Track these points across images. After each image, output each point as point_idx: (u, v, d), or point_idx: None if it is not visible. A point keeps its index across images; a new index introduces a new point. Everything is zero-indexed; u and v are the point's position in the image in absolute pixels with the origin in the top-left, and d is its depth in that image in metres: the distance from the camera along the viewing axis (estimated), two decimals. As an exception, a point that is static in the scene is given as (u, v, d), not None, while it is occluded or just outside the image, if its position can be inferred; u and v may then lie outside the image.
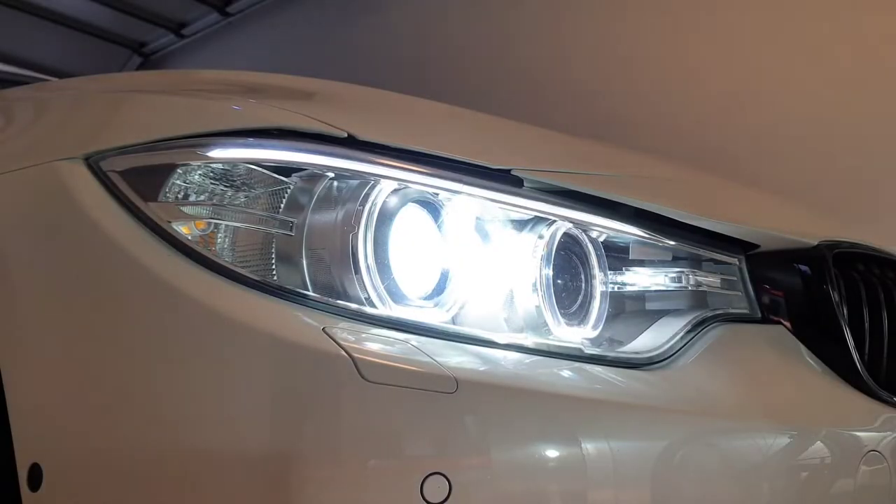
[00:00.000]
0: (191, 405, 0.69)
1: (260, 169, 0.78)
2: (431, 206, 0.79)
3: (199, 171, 0.77)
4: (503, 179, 0.83)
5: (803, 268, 1.02)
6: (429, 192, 0.79)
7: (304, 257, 0.76)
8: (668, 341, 0.87)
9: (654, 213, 0.92)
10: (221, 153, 0.77)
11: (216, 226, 0.76)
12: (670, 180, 1.14)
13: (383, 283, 0.74)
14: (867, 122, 2.55)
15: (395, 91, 1.06)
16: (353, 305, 0.73)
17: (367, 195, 0.76)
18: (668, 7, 3.11)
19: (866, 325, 1.07)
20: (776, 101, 2.76)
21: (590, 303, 0.85)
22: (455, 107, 1.07)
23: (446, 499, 0.65)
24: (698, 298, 0.96)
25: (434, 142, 0.83)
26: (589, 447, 0.71)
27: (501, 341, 0.77)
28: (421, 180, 0.78)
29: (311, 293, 0.73)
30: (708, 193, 1.16)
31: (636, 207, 0.90)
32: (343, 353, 0.67)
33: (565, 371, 0.77)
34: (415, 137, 0.83)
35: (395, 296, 0.75)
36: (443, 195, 0.80)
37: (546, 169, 0.87)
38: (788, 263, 1.02)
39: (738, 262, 0.99)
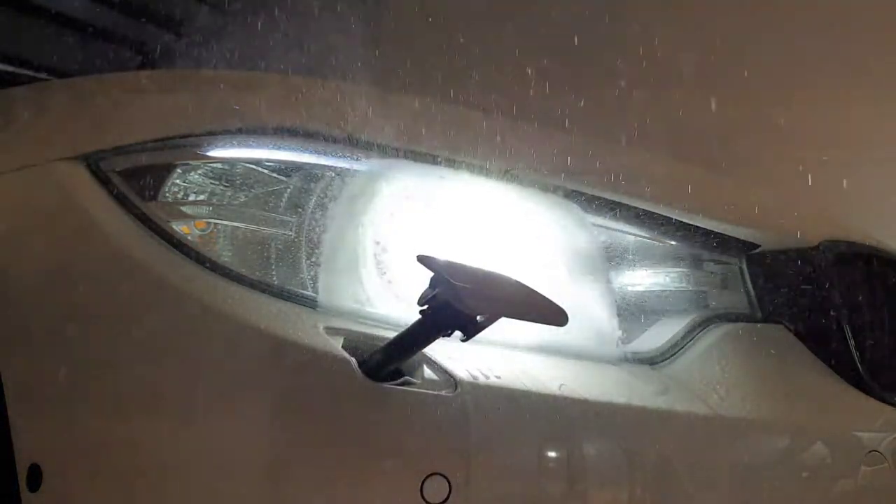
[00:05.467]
0: (190, 405, 0.69)
1: (260, 169, 0.78)
2: (431, 206, 0.79)
3: (198, 171, 0.77)
4: (504, 178, 0.83)
5: (803, 268, 1.02)
6: (429, 192, 0.79)
7: (303, 257, 0.76)
8: (668, 341, 0.87)
9: (654, 213, 0.92)
10: (221, 153, 0.77)
11: (216, 226, 0.76)
12: (671, 180, 1.14)
13: (383, 283, 0.74)
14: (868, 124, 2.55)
15: (396, 91, 1.06)
16: (353, 305, 0.73)
17: (367, 195, 0.76)
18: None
19: (866, 325, 1.07)
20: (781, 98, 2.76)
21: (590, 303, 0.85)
22: (455, 106, 1.07)
23: (446, 499, 0.65)
24: (698, 298, 0.96)
25: (434, 141, 0.83)
26: (589, 447, 0.71)
27: (502, 341, 0.76)
28: (421, 180, 0.78)
29: (311, 293, 0.73)
30: (709, 193, 1.16)
31: (637, 207, 0.90)
32: (343, 353, 0.67)
33: (565, 371, 0.77)
34: (415, 137, 0.83)
35: (396, 295, 0.75)
36: (443, 194, 0.80)
37: (546, 169, 0.87)
38: (788, 263, 1.02)
39: (738, 262, 0.99)
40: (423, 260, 0.62)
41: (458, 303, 0.59)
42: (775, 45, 2.81)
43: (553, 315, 0.64)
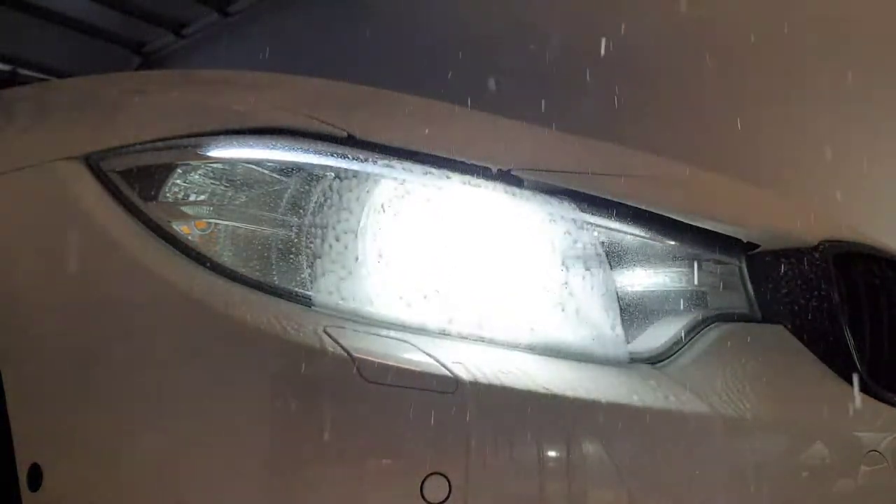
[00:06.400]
0: (191, 405, 0.69)
1: (260, 169, 0.78)
2: (431, 206, 0.79)
3: (198, 171, 0.77)
4: (503, 179, 0.83)
5: (803, 268, 1.02)
6: (429, 192, 0.79)
7: (303, 257, 0.76)
8: (668, 341, 0.87)
9: (654, 213, 0.92)
10: (221, 153, 0.77)
11: (216, 226, 0.76)
12: (671, 180, 1.14)
13: (383, 283, 0.74)
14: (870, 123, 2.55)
15: (395, 91, 1.06)
16: (353, 305, 0.73)
17: (367, 195, 0.76)
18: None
19: (866, 325, 1.07)
20: (781, 98, 2.76)
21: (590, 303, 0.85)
22: (455, 106, 1.07)
23: (446, 499, 0.65)
24: (698, 298, 0.96)
25: (434, 141, 0.83)
26: (589, 447, 0.71)
27: (501, 341, 0.76)
28: (421, 180, 0.78)
29: (311, 293, 0.73)
30: (708, 193, 1.16)
31: (636, 207, 0.90)
32: (343, 353, 0.67)
33: (565, 371, 0.77)
34: (415, 137, 0.83)
35: (396, 295, 0.75)
36: (443, 195, 0.80)
37: (546, 169, 0.87)
38: (788, 263, 1.02)
39: (738, 262, 0.99)
40: None
41: None
42: (775, 41, 2.81)
43: None
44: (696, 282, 0.94)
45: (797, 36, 2.77)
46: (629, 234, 0.90)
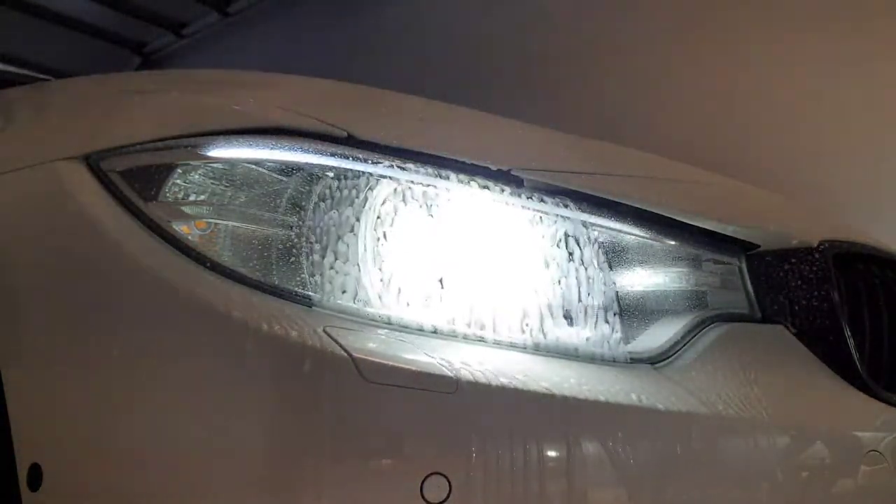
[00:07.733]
0: (191, 405, 0.69)
1: (260, 169, 0.78)
2: (431, 206, 0.79)
3: (198, 171, 0.77)
4: (503, 179, 0.83)
5: (803, 268, 1.02)
6: (429, 192, 0.79)
7: (304, 257, 0.76)
8: (668, 341, 0.87)
9: (654, 213, 0.92)
10: (221, 153, 0.77)
11: (216, 225, 0.76)
12: (670, 180, 1.14)
13: (383, 283, 0.74)
14: (869, 122, 2.55)
15: (395, 91, 1.06)
16: (354, 305, 0.73)
17: (367, 195, 0.76)
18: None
19: (866, 325, 1.07)
20: (779, 99, 2.77)
21: (590, 303, 0.85)
22: (455, 106, 1.07)
23: (446, 499, 0.65)
24: (698, 298, 0.96)
25: (434, 141, 0.83)
26: (589, 447, 0.71)
27: (501, 341, 0.76)
28: (421, 180, 0.78)
29: (311, 293, 0.73)
30: (708, 193, 1.16)
31: (636, 207, 0.90)
32: (343, 353, 0.67)
33: (565, 371, 0.77)
34: (415, 137, 0.83)
35: (396, 295, 0.75)
36: (443, 195, 0.80)
37: (546, 169, 0.87)
38: (788, 263, 1.02)
39: (738, 262, 0.99)
40: None
41: None
42: (775, 40, 2.81)
43: None
44: (696, 282, 0.94)
45: (794, 30, 2.77)
46: (629, 234, 0.90)
